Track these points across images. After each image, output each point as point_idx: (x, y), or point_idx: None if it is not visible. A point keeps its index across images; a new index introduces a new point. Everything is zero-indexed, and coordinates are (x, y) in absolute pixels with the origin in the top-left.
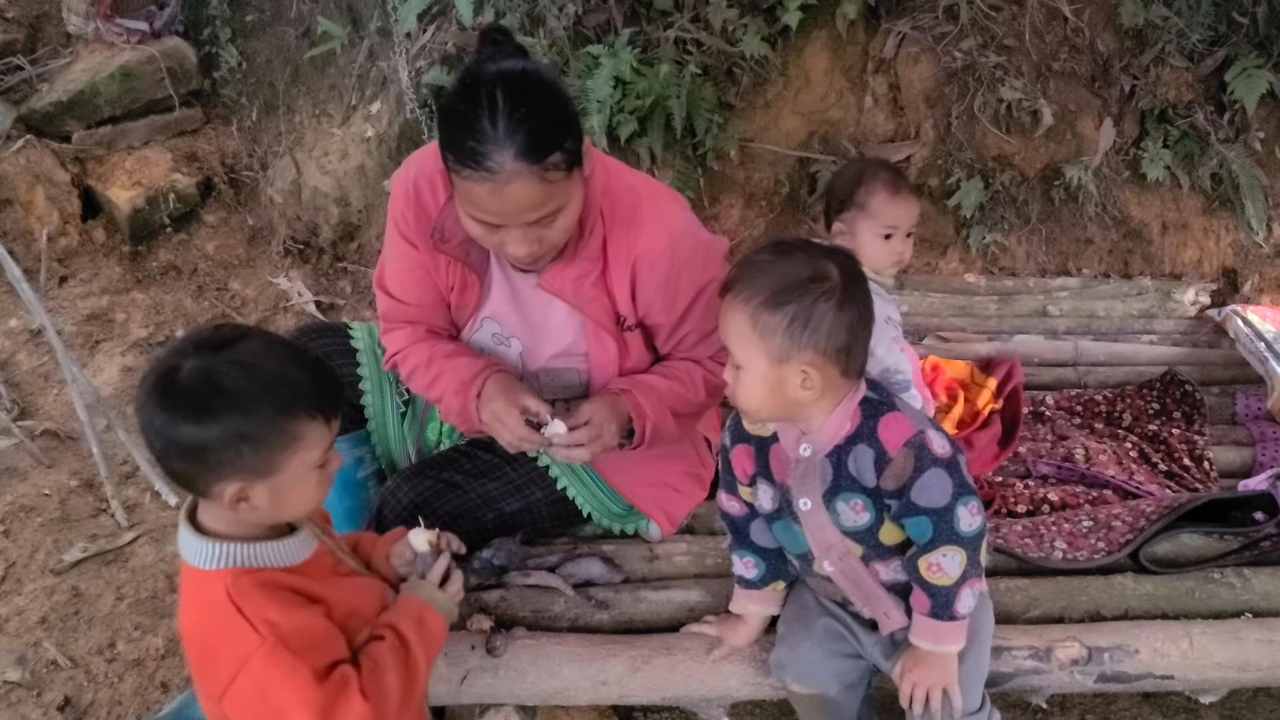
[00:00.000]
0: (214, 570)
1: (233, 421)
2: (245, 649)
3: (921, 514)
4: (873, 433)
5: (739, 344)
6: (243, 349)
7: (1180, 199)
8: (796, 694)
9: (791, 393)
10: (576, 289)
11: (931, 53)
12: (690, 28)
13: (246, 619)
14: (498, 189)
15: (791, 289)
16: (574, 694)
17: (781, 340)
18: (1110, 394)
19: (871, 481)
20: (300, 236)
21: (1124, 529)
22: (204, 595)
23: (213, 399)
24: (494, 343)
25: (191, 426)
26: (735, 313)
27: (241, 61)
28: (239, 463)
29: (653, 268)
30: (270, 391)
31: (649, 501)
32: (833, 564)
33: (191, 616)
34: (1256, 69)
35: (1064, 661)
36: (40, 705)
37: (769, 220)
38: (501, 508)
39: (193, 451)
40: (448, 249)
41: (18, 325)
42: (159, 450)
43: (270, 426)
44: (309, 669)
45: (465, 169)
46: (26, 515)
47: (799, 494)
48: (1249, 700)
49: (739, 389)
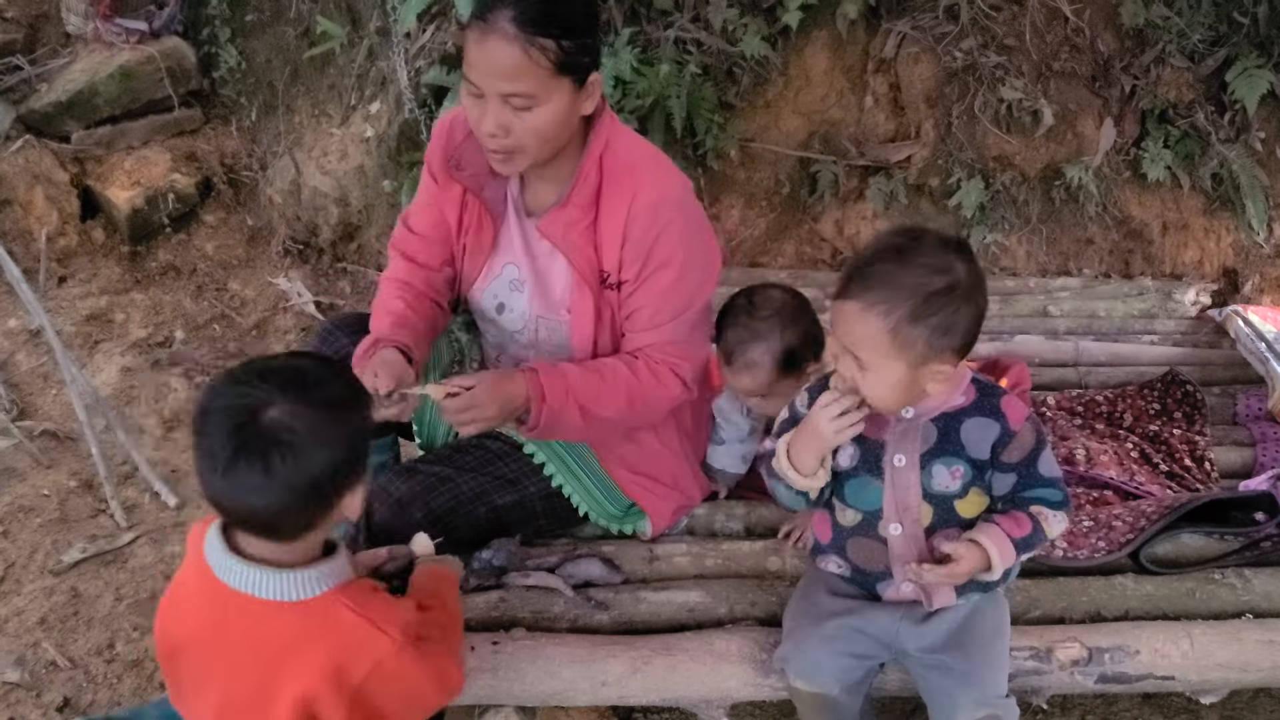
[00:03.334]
0: (321, 595)
1: (344, 432)
2: (378, 653)
3: (1048, 485)
4: (996, 409)
5: (872, 353)
6: (299, 382)
7: (1181, 199)
8: (799, 691)
9: (923, 386)
10: (566, 235)
11: (932, 52)
12: (690, 27)
13: (376, 625)
14: (483, 39)
15: (933, 301)
16: (574, 695)
17: (922, 349)
18: (1111, 394)
19: (983, 454)
20: (300, 237)
21: (1124, 529)
22: (319, 620)
23: (321, 425)
24: (510, 289)
25: (317, 455)
26: (869, 324)
27: (241, 61)
28: (363, 466)
29: (635, 219)
30: (344, 395)
31: (639, 490)
32: (901, 527)
33: (313, 646)
34: (1257, 69)
35: (1064, 662)
36: (39, 706)
37: (769, 220)
38: (494, 501)
39: (326, 479)
40: (461, 176)
41: (17, 325)
42: (275, 507)
43: (363, 421)
44: (425, 654)
45: (470, 23)
46: (25, 516)
47: (895, 450)
48: (1249, 701)
49: (864, 386)
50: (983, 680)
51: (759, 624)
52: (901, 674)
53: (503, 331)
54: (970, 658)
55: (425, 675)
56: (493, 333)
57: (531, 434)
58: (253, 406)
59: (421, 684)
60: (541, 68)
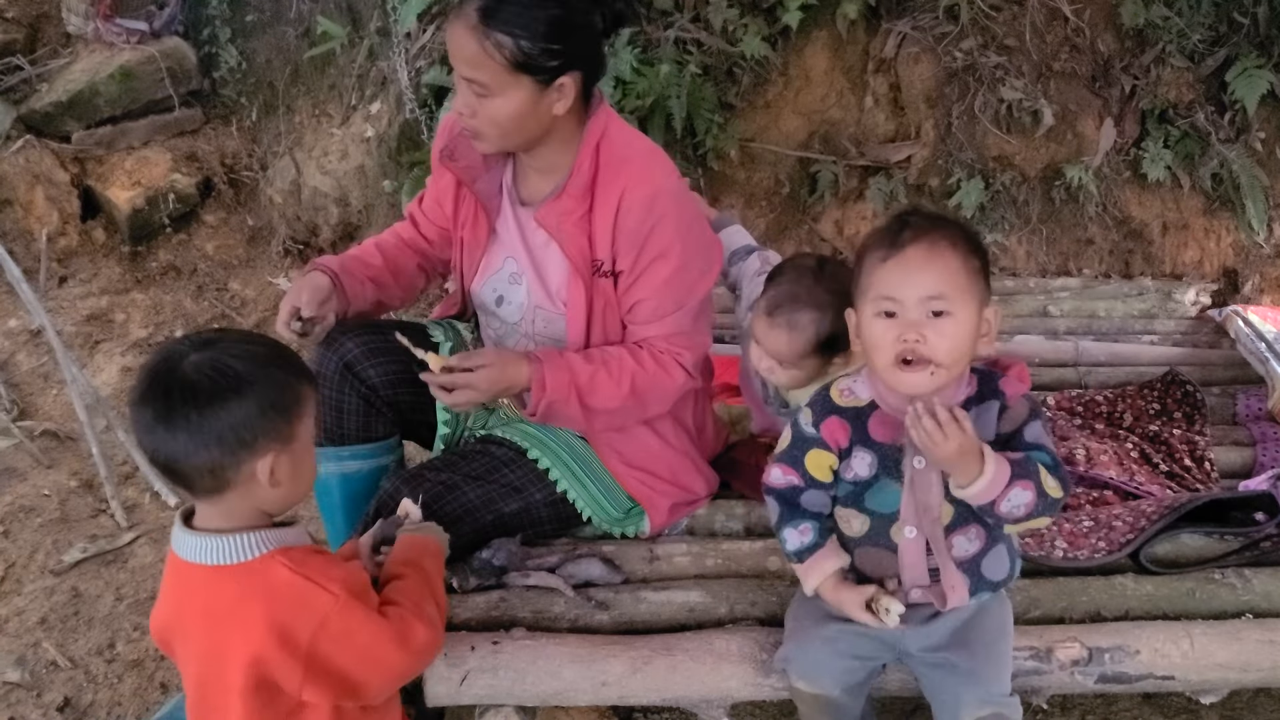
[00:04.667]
0: (260, 557)
1: (255, 392)
2: (321, 611)
3: (1038, 449)
4: (995, 389)
5: (957, 289)
6: (227, 339)
7: (1181, 199)
8: (800, 692)
9: (976, 345)
10: (560, 224)
11: (932, 53)
12: (690, 27)
13: (315, 582)
14: (453, 24)
15: (976, 239)
16: (574, 695)
17: (983, 283)
18: (1111, 394)
19: (991, 434)
20: (300, 237)
21: (1124, 529)
22: (259, 581)
23: (233, 379)
24: (510, 282)
25: (219, 410)
26: (947, 259)
27: (241, 61)
28: (271, 431)
29: (629, 211)
30: (273, 361)
31: (635, 484)
32: (918, 529)
33: (252, 609)
34: (1257, 69)
35: (1064, 662)
36: (40, 706)
37: (769, 220)
38: (500, 509)
39: (228, 432)
40: (455, 167)
41: (17, 325)
42: (180, 453)
43: (285, 389)
44: (375, 609)
45: (448, 14)
46: (26, 516)
47: (915, 452)
48: (1249, 701)
49: (944, 339)
50: (987, 678)
51: (759, 624)
52: (902, 674)
53: (503, 324)
54: (975, 656)
55: (380, 632)
56: (494, 325)
57: (531, 418)
58: (172, 358)
59: (378, 641)
60: (496, 62)
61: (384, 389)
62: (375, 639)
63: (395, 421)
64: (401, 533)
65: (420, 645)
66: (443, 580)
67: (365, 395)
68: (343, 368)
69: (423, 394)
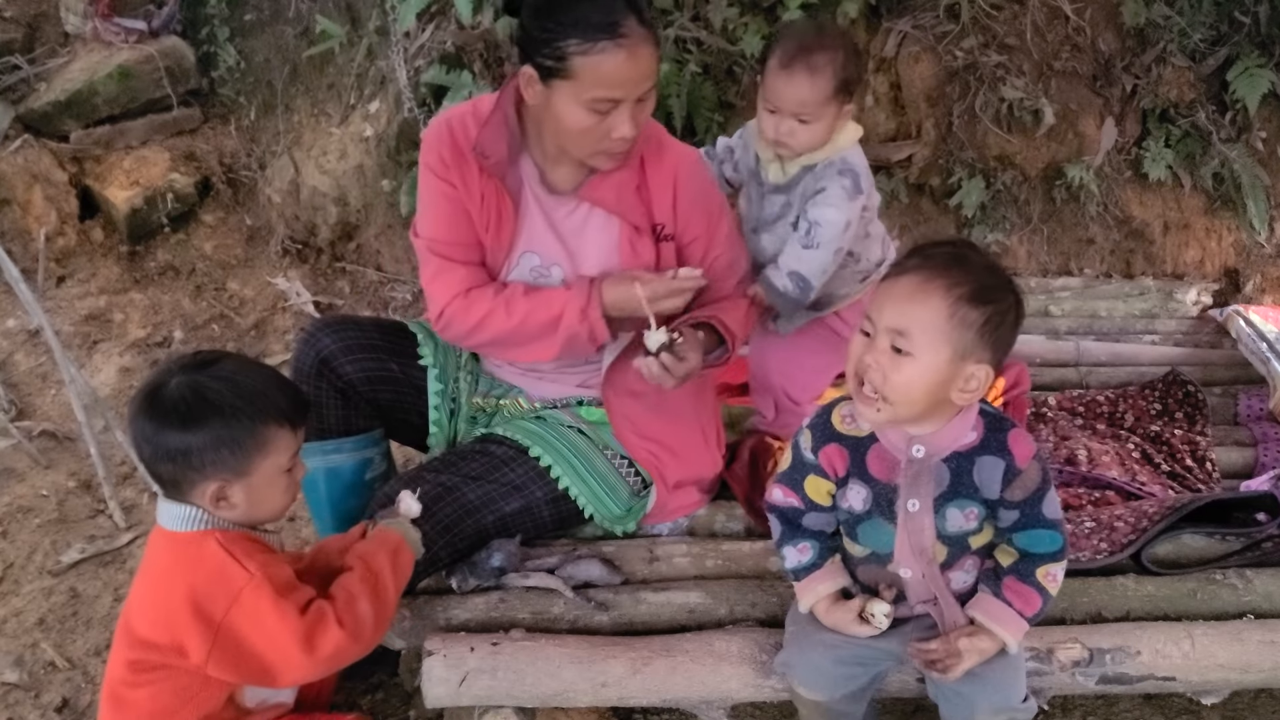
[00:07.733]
0: (199, 531)
1: (214, 427)
2: (236, 585)
3: (1049, 527)
4: (1003, 445)
5: (924, 331)
6: (222, 367)
7: (1182, 199)
8: (801, 697)
9: (949, 393)
10: (619, 195)
11: (933, 52)
12: (690, 26)
13: (236, 560)
14: (632, 53)
15: (994, 289)
16: (573, 695)
17: (973, 338)
18: (1112, 394)
19: (995, 493)
20: (299, 236)
21: (1126, 530)
22: (192, 551)
23: (198, 408)
24: (533, 276)
25: (178, 433)
26: (929, 298)
27: (240, 61)
28: (220, 463)
29: (692, 177)
30: (247, 401)
31: (645, 454)
32: (913, 569)
33: (178, 574)
34: (1258, 68)
35: (1065, 663)
36: (38, 707)
37: None
38: (501, 508)
39: (180, 454)
40: (488, 165)
41: (15, 325)
42: (148, 456)
43: (246, 431)
44: (291, 603)
45: (596, 43)
46: (24, 516)
47: (908, 495)
48: (1250, 701)
49: (897, 376)
50: (1001, 685)
51: (759, 625)
52: (903, 675)
53: None
54: (989, 662)
55: (286, 626)
56: None
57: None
58: (166, 371)
59: (281, 633)
60: (656, 51)
61: (361, 385)
62: (280, 629)
63: (376, 416)
64: (381, 522)
65: (326, 652)
66: (398, 578)
67: (342, 390)
68: (319, 363)
69: (402, 392)
